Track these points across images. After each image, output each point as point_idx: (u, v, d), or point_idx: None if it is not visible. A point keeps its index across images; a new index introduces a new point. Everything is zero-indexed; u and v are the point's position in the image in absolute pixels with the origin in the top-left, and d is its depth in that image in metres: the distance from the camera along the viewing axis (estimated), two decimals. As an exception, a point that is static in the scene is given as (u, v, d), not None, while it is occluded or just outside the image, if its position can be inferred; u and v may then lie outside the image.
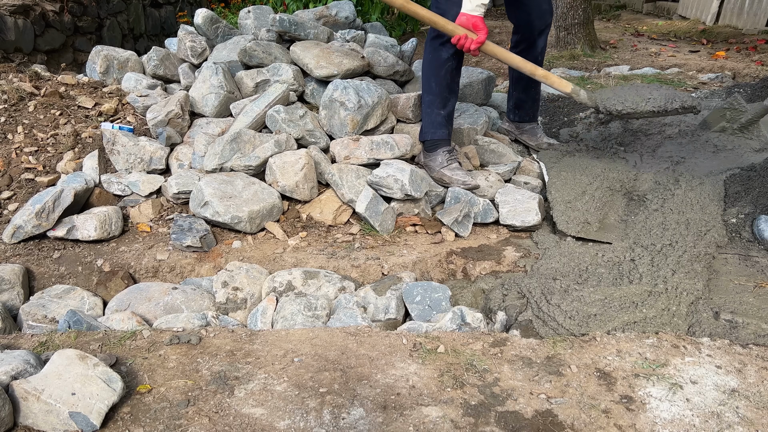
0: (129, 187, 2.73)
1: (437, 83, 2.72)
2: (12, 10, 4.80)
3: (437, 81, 2.72)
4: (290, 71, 3.03)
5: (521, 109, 3.20)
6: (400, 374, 1.64)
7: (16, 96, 3.03)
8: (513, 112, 3.24)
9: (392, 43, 3.50)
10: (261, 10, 3.65)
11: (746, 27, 6.44)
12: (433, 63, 2.72)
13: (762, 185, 2.57)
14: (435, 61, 2.70)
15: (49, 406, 1.39)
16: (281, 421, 1.46)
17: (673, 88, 2.86)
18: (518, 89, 3.15)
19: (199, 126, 2.94)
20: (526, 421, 1.48)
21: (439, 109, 2.75)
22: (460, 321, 1.93)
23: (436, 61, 2.70)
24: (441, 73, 2.71)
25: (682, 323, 1.88)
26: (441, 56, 2.68)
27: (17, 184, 2.70)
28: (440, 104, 2.74)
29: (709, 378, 1.63)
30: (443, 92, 2.73)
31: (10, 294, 2.22)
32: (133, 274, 2.38)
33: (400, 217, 2.63)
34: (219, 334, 1.81)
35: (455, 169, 2.70)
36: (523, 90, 3.13)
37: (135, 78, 3.29)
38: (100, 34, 6.11)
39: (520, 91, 3.14)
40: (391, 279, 2.23)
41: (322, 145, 2.83)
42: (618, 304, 1.97)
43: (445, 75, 2.71)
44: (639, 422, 1.48)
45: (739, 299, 1.98)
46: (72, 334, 1.78)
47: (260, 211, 2.50)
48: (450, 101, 2.76)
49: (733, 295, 2.01)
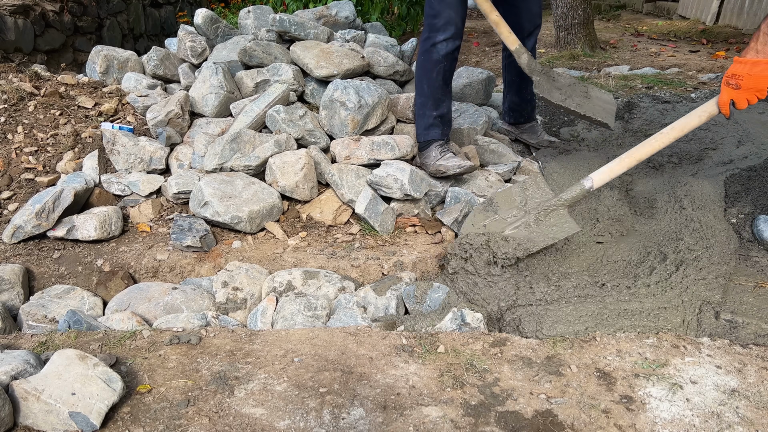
0: (129, 187, 2.73)
1: (429, 85, 2.70)
2: (12, 10, 4.80)
3: (429, 83, 2.69)
4: (290, 71, 3.03)
5: (516, 111, 3.20)
6: (400, 374, 1.64)
7: (16, 96, 3.03)
8: (508, 114, 3.24)
9: (392, 43, 3.50)
10: (261, 10, 3.65)
11: (746, 27, 6.44)
12: (425, 64, 2.69)
13: (762, 185, 2.58)
14: (427, 63, 2.67)
15: (49, 406, 1.39)
16: (281, 421, 1.46)
17: (614, 103, 2.77)
18: (511, 92, 3.14)
19: (199, 126, 2.94)
20: (526, 421, 1.48)
21: (431, 111, 2.73)
22: (460, 321, 1.93)
23: (428, 63, 2.67)
24: (432, 75, 2.68)
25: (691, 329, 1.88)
26: (432, 57, 2.65)
27: (17, 184, 2.70)
28: (432, 106, 2.72)
29: (709, 378, 1.64)
30: (435, 93, 2.71)
31: (10, 294, 2.22)
32: (133, 274, 2.38)
33: (399, 217, 2.63)
34: (219, 334, 1.81)
35: (449, 158, 2.70)
36: (516, 93, 3.12)
37: (135, 78, 3.29)
38: (100, 34, 6.11)
39: (513, 94, 3.13)
40: (391, 279, 2.23)
41: (322, 145, 2.83)
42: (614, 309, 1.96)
43: (437, 77, 2.68)
44: (639, 422, 1.48)
45: (739, 299, 1.98)
46: (72, 334, 1.78)
47: (260, 211, 2.50)
48: (443, 102, 2.74)
49: (733, 295, 2.01)
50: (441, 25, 2.59)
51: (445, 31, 2.59)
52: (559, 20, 5.64)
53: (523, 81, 3.05)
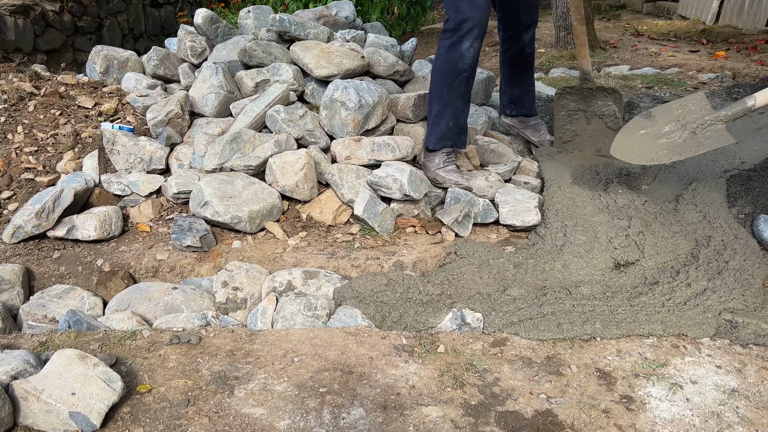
0: (129, 187, 2.72)
1: (450, 93, 2.54)
2: (12, 10, 4.80)
3: (450, 91, 2.54)
4: (290, 71, 3.03)
5: (517, 104, 3.13)
6: (400, 374, 1.64)
7: (16, 96, 3.03)
8: (509, 107, 3.17)
9: (392, 43, 3.50)
10: (261, 10, 3.65)
11: (746, 27, 6.44)
12: (448, 71, 2.51)
13: (762, 185, 2.58)
14: (451, 70, 2.51)
15: (49, 406, 1.39)
16: (281, 420, 1.46)
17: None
18: (511, 86, 3.08)
19: (199, 126, 2.94)
20: (526, 421, 1.48)
21: (449, 121, 2.60)
22: (460, 321, 1.93)
23: (452, 70, 2.50)
24: (455, 83, 2.53)
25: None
26: (457, 66, 2.48)
27: (17, 184, 2.70)
28: (451, 115, 2.59)
29: (709, 378, 1.64)
30: (456, 103, 2.57)
31: (10, 294, 2.22)
32: (133, 274, 2.38)
33: (399, 218, 2.63)
34: (219, 334, 1.81)
35: (450, 171, 2.67)
36: (516, 86, 3.07)
37: (135, 78, 3.29)
38: (100, 34, 6.11)
39: (514, 87, 3.08)
40: (391, 279, 2.23)
41: (322, 145, 2.83)
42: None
43: (459, 85, 2.53)
44: (639, 422, 1.48)
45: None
46: (72, 334, 1.78)
47: (260, 211, 2.50)
48: (463, 112, 2.63)
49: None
50: (468, 30, 2.43)
51: (471, 36, 2.45)
52: (559, 20, 5.63)
53: (522, 74, 3.01)
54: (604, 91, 2.97)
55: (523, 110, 3.16)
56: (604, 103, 2.97)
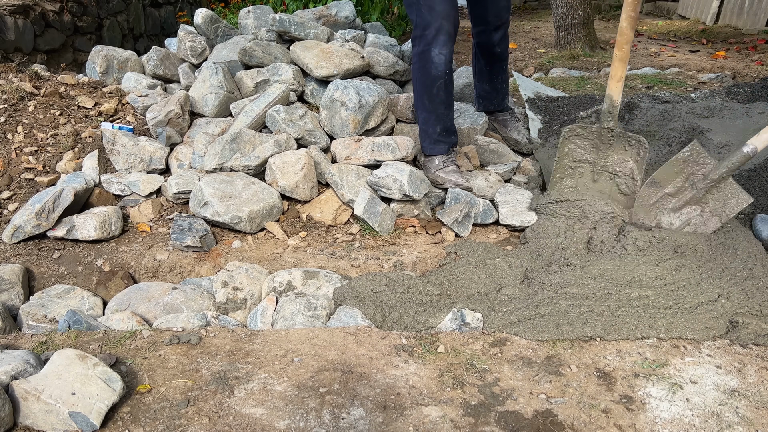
0: (129, 187, 2.73)
1: (431, 100, 2.59)
2: (12, 10, 4.80)
3: (430, 98, 2.58)
4: (290, 71, 3.03)
5: (485, 99, 3.10)
6: (400, 374, 1.64)
7: (16, 96, 3.03)
8: (478, 102, 3.15)
9: (392, 43, 3.50)
10: (261, 10, 3.65)
11: (746, 27, 6.44)
12: (423, 80, 2.55)
13: (761, 185, 2.58)
14: (425, 78, 2.54)
15: (49, 406, 1.39)
16: (281, 421, 1.46)
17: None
18: (482, 80, 3.04)
19: (199, 126, 2.94)
20: (526, 421, 1.48)
21: (435, 127, 2.64)
22: (460, 321, 1.93)
23: (426, 78, 2.54)
24: (433, 91, 2.56)
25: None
26: (431, 73, 2.51)
27: (17, 184, 2.70)
28: (435, 121, 2.63)
29: (709, 378, 1.64)
30: (438, 108, 2.61)
31: (10, 294, 2.22)
32: (133, 274, 2.38)
33: (399, 218, 2.63)
34: (219, 334, 1.81)
35: (450, 172, 2.68)
36: (487, 81, 3.03)
37: (135, 78, 3.29)
38: (100, 34, 6.11)
39: (484, 83, 3.04)
40: (391, 279, 2.23)
41: (322, 145, 2.83)
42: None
43: (438, 91, 2.56)
44: (639, 422, 1.48)
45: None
46: (72, 334, 1.78)
47: (260, 211, 2.50)
48: (447, 116, 2.65)
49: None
50: (433, 36, 2.46)
51: (438, 43, 2.46)
52: (559, 20, 5.63)
53: (493, 70, 2.95)
54: (626, 141, 2.35)
55: (491, 106, 3.13)
56: (621, 159, 2.37)
